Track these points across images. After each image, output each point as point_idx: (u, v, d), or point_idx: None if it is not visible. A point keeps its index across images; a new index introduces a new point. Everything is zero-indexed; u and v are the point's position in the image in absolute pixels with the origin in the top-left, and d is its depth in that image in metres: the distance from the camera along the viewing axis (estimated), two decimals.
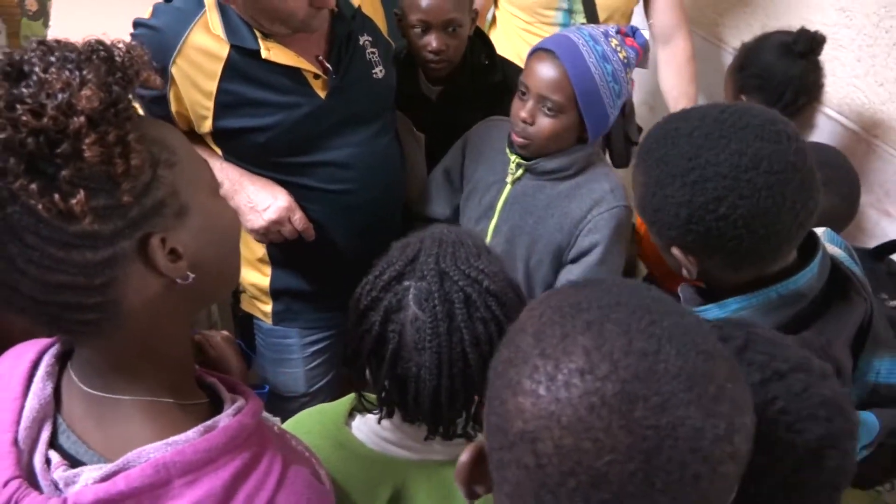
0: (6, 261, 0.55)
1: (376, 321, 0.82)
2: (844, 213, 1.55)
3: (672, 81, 1.86)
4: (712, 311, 0.89)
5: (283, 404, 1.55)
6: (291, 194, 1.30)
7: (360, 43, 1.32)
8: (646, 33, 1.39)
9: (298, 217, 1.30)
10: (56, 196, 0.53)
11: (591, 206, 1.33)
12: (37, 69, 0.55)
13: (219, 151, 1.32)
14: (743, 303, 0.87)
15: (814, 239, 0.91)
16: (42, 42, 0.59)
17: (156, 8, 1.24)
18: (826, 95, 1.77)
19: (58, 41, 0.59)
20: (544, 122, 1.28)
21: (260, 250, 1.42)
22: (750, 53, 1.63)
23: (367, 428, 0.90)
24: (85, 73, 0.55)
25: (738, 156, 0.81)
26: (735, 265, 0.87)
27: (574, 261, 1.36)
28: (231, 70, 1.21)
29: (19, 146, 0.52)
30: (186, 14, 1.21)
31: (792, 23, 1.90)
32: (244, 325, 1.63)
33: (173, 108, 1.25)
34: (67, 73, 0.55)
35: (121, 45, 0.60)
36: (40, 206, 0.53)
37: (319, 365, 1.57)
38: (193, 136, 1.30)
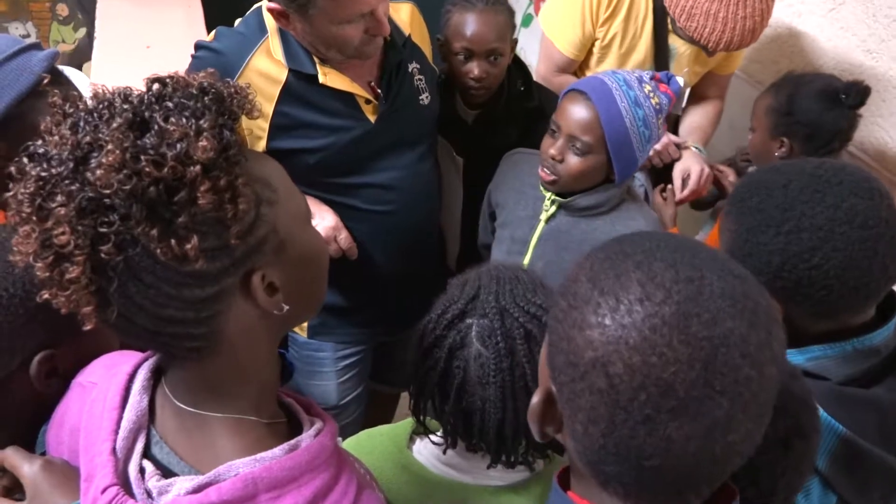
0: (126, 297, 0.59)
1: (441, 358, 0.85)
2: None
3: (692, 117, 1.89)
4: (792, 357, 0.91)
5: None
6: (337, 214, 1.34)
7: (410, 70, 1.37)
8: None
9: (344, 237, 1.34)
10: (173, 241, 0.57)
11: None
12: (157, 117, 0.58)
13: None
14: (821, 352, 0.90)
15: (892, 298, 0.93)
16: (157, 79, 0.62)
17: (218, 31, 1.29)
18: None
19: (171, 77, 0.62)
20: (572, 161, 1.30)
21: None
22: (795, 99, 1.59)
23: (427, 452, 0.93)
24: (201, 121, 0.58)
25: (834, 209, 0.85)
26: (819, 314, 0.89)
27: None
28: (288, 93, 1.26)
29: (142, 194, 0.56)
30: (249, 39, 1.25)
31: (820, 62, 1.95)
32: None
33: None
34: (184, 120, 0.58)
35: (230, 85, 0.64)
36: (159, 251, 0.57)
37: (351, 378, 1.61)
38: None
